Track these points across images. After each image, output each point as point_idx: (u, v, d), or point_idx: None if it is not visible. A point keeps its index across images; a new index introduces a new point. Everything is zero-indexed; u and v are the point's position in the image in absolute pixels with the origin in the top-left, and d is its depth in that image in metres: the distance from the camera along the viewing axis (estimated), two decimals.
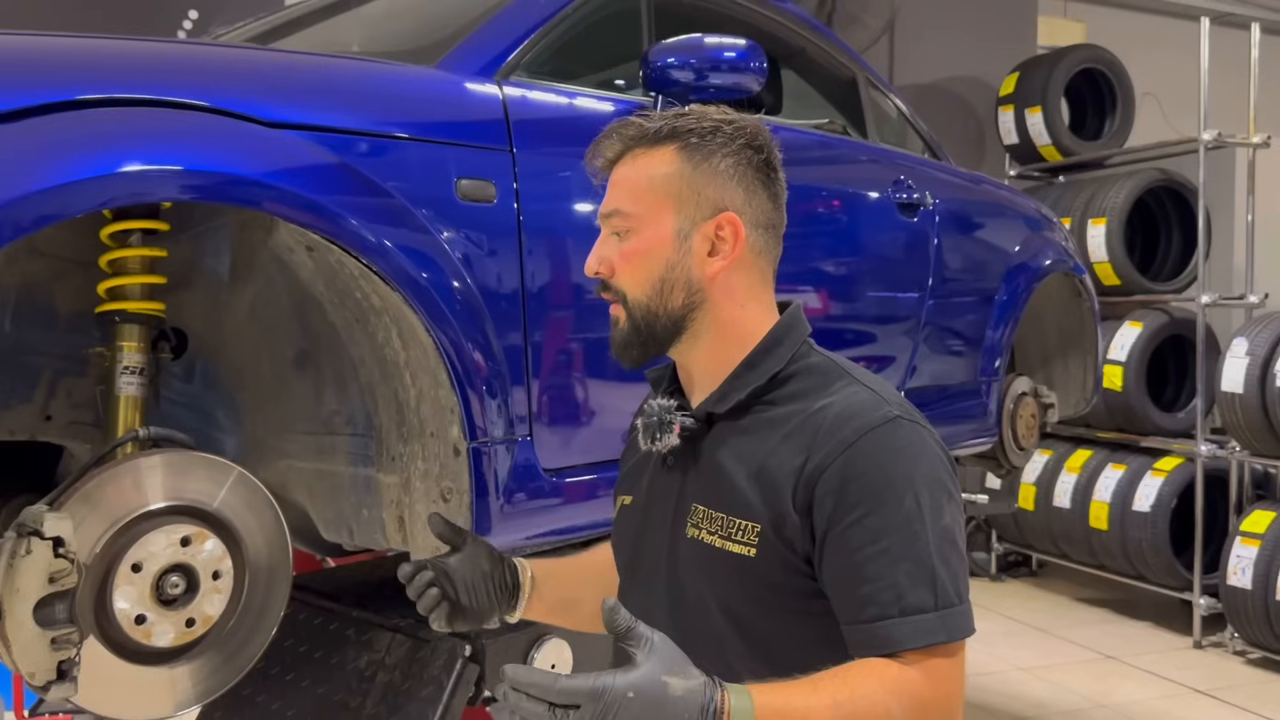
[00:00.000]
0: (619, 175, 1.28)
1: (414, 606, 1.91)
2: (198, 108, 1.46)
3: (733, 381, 1.26)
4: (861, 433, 1.15)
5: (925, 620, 1.09)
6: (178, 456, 1.50)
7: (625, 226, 1.26)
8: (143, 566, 1.43)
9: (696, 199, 1.25)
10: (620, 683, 0.96)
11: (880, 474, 1.13)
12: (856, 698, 1.04)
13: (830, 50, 2.90)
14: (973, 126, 6.16)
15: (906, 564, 1.10)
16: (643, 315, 1.25)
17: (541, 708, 0.95)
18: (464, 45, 1.88)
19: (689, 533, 1.25)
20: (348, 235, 1.55)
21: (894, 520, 1.11)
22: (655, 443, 1.27)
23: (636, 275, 1.25)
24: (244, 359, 1.87)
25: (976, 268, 3.06)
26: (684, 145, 1.25)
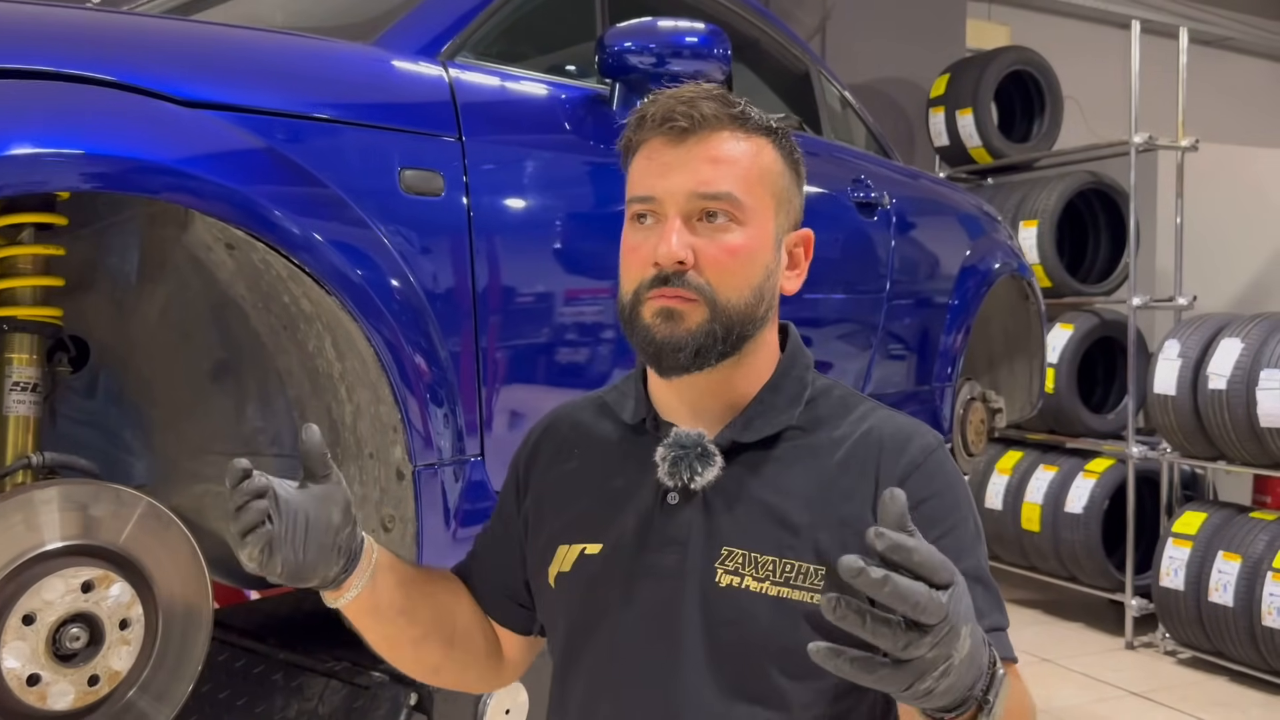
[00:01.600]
0: (724, 150, 1.07)
1: (349, 647, 1.73)
2: (102, 83, 1.26)
3: (758, 407, 1.13)
4: (926, 454, 1.09)
5: (1003, 637, 1.06)
6: (77, 487, 1.33)
7: (734, 214, 1.07)
8: (36, 618, 1.25)
9: (789, 206, 1.13)
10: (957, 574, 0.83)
11: (951, 495, 1.09)
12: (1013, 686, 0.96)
13: (784, 42, 2.79)
14: (903, 128, 6.15)
15: (979, 586, 1.04)
16: (732, 321, 1.08)
17: (921, 590, 0.78)
18: (404, 21, 1.71)
19: (723, 581, 1.07)
20: (275, 230, 1.38)
21: (965, 543, 1.06)
22: (695, 476, 1.08)
23: (738, 275, 1.07)
24: (154, 371, 1.69)
25: (932, 270, 2.98)
26: (777, 143, 1.11)
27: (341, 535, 1.08)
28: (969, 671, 0.84)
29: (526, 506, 1.23)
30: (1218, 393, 4.26)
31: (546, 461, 1.24)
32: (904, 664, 0.79)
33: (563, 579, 1.16)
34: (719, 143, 1.07)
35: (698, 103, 1.06)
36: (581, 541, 1.16)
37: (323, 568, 1.08)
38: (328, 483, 1.09)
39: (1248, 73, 8.47)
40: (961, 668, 0.82)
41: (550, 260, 1.73)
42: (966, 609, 0.83)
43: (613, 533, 1.14)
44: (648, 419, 1.16)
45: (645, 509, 1.12)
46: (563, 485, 1.21)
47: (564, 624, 1.18)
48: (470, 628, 1.24)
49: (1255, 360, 4.17)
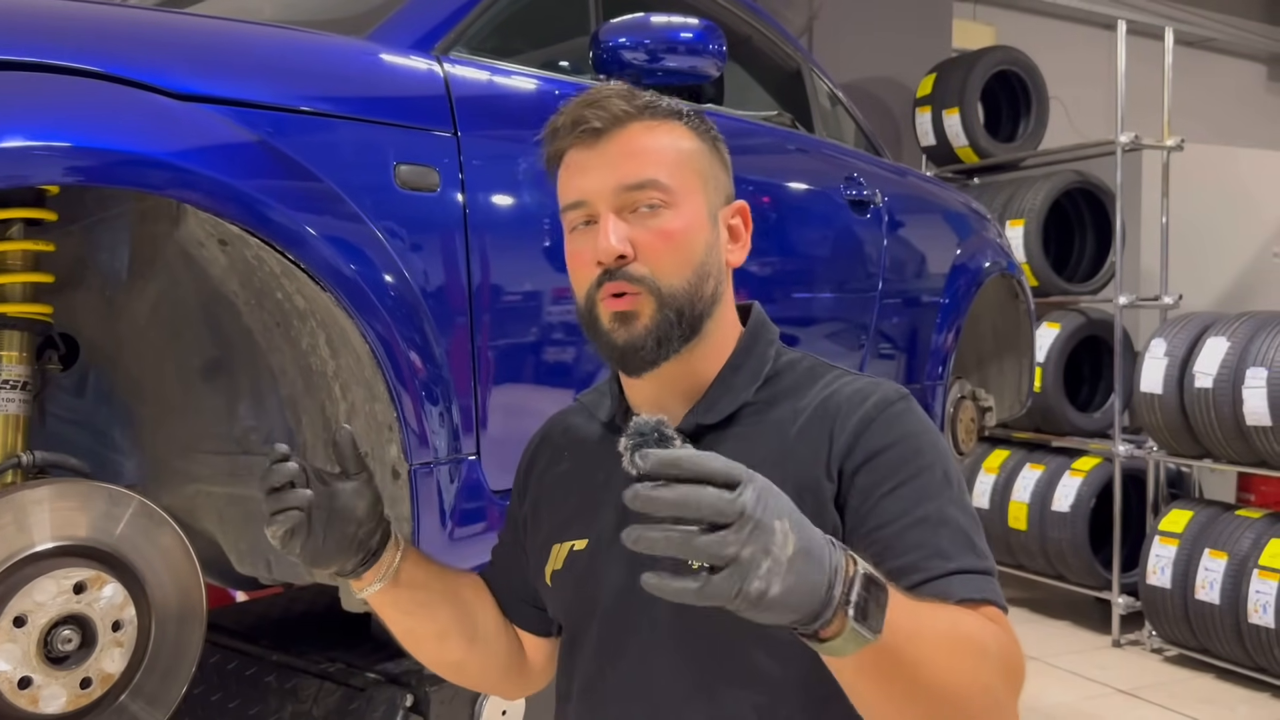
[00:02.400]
0: (639, 143, 1.09)
1: (343, 648, 1.72)
2: (91, 74, 1.24)
3: (719, 388, 1.13)
4: (883, 407, 1.08)
5: (974, 577, 1.01)
6: (68, 486, 1.30)
7: (662, 200, 1.08)
8: (27, 620, 1.22)
9: (716, 181, 1.14)
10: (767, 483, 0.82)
11: (911, 443, 1.06)
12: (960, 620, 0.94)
13: (776, 40, 2.78)
14: (890, 127, 6.15)
15: (946, 530, 1.02)
16: (683, 303, 1.09)
17: (711, 494, 0.78)
18: (398, 15, 1.69)
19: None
20: (269, 225, 1.36)
21: (931, 489, 1.03)
22: None
23: (675, 258, 1.08)
24: (145, 369, 1.66)
25: (923, 268, 2.97)
26: (690, 124, 1.13)
27: (363, 530, 1.12)
28: (808, 570, 0.80)
29: (525, 511, 1.26)
30: (1204, 391, 4.28)
31: (542, 467, 1.27)
32: (721, 569, 0.78)
33: (557, 576, 1.19)
34: (633, 135, 1.09)
35: (604, 102, 1.09)
36: (571, 539, 1.19)
37: (339, 558, 1.11)
38: (359, 480, 1.12)
39: (1232, 73, 8.53)
40: (795, 565, 0.79)
41: (546, 256, 1.71)
42: (779, 507, 0.80)
43: (596, 527, 1.16)
44: (617, 415, 1.18)
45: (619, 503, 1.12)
46: (555, 488, 1.24)
47: (563, 620, 1.22)
48: (493, 630, 1.27)
49: (1241, 359, 4.19)
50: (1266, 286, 5.88)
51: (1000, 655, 0.95)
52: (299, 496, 1.06)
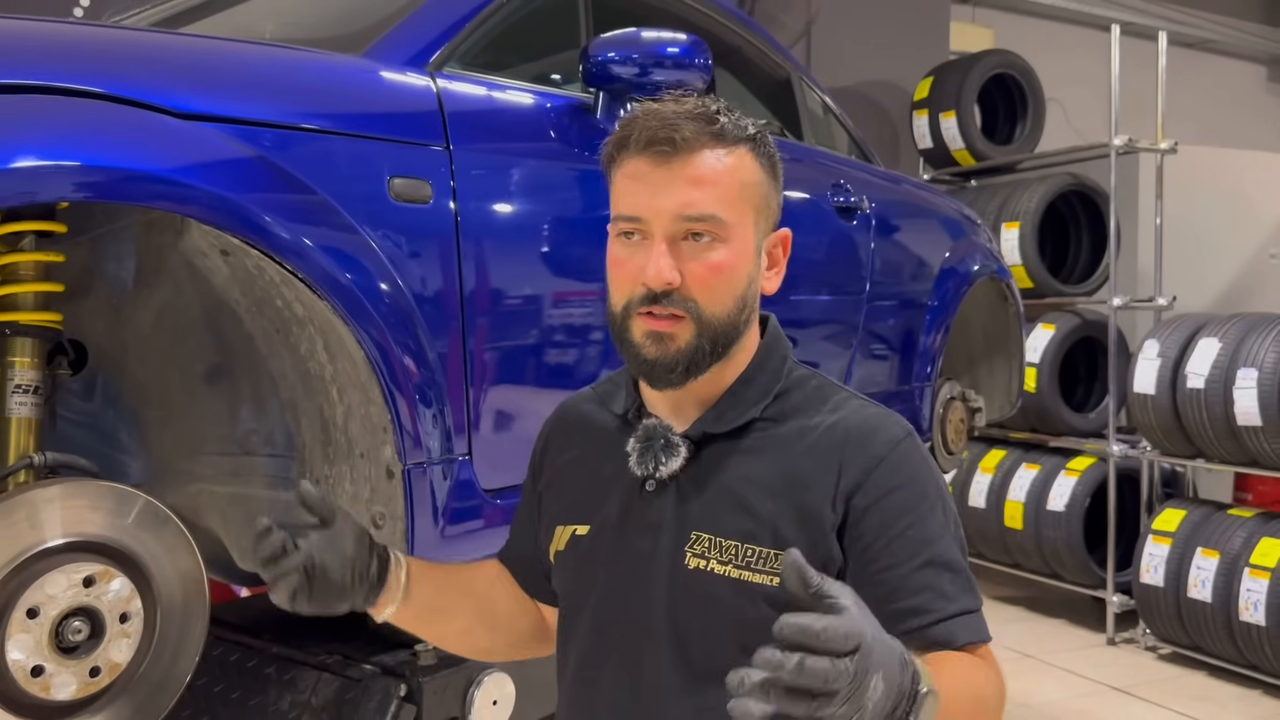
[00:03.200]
0: (705, 170, 1.11)
1: (341, 641, 1.78)
2: (98, 96, 1.30)
3: (730, 399, 1.18)
4: (891, 446, 1.13)
5: (972, 620, 1.11)
6: (78, 485, 1.36)
7: (717, 233, 1.12)
8: (40, 611, 1.28)
9: (768, 211, 1.17)
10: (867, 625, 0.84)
11: (918, 486, 1.13)
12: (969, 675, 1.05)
13: (765, 49, 2.84)
14: (888, 130, 6.20)
15: (948, 573, 1.11)
16: (719, 333, 1.13)
17: (826, 665, 0.79)
18: (393, 33, 1.75)
19: (690, 564, 1.14)
20: (268, 237, 1.42)
21: (933, 530, 1.11)
22: (659, 467, 1.16)
23: (723, 290, 1.12)
24: (150, 374, 1.72)
25: (911, 272, 3.03)
26: (756, 151, 1.15)
27: (358, 566, 1.17)
28: (885, 703, 0.84)
29: (539, 490, 1.33)
30: (1196, 392, 4.33)
31: (555, 449, 1.33)
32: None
33: (559, 557, 1.26)
34: (701, 162, 1.10)
35: (679, 124, 1.10)
36: (574, 523, 1.25)
37: (346, 598, 1.17)
38: (334, 524, 1.16)
39: (1231, 75, 8.56)
40: (876, 708, 0.83)
41: (536, 264, 1.77)
42: (880, 657, 0.83)
43: (599, 516, 1.22)
44: (631, 411, 1.23)
45: (627, 495, 1.20)
46: (564, 471, 1.30)
47: (562, 598, 1.28)
48: (512, 610, 1.34)
49: (1233, 360, 4.24)
50: (1263, 288, 5.92)
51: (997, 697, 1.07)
52: (292, 561, 1.12)
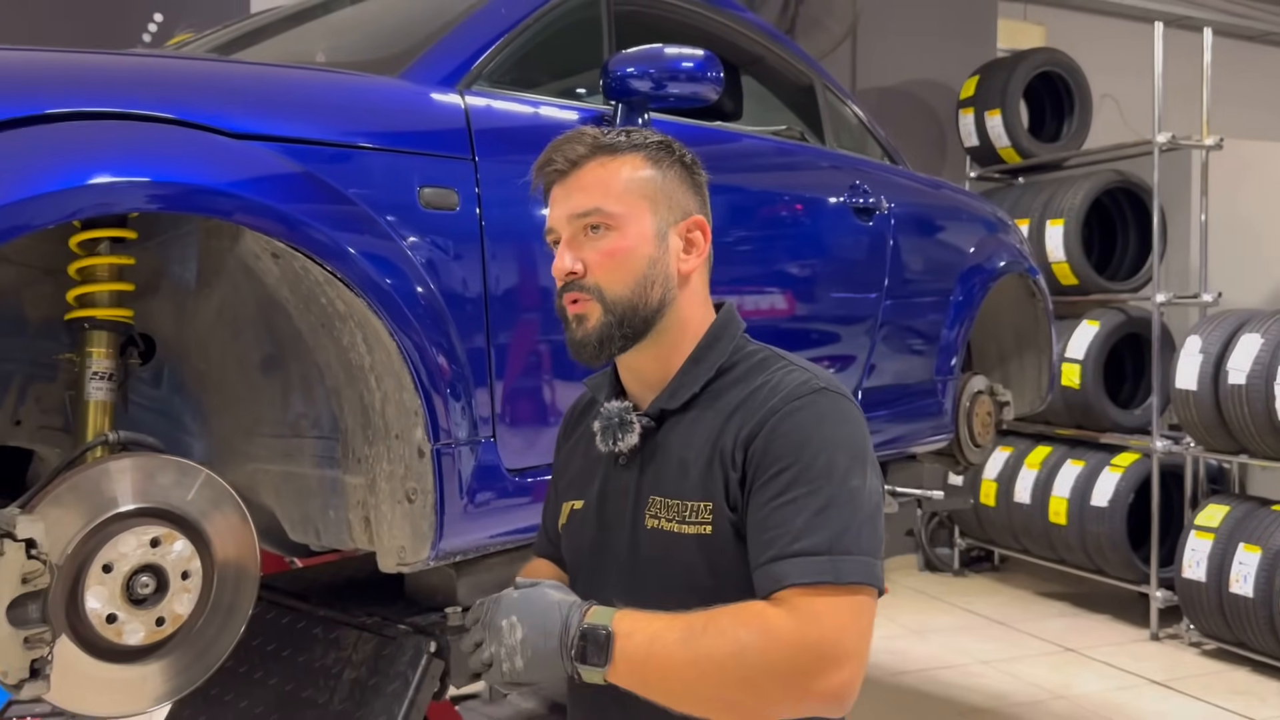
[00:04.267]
0: (590, 178, 1.32)
1: (379, 604, 1.96)
2: (164, 120, 1.49)
3: (681, 378, 1.34)
4: (789, 400, 1.26)
5: (814, 561, 1.16)
6: (147, 459, 1.53)
7: (606, 224, 1.31)
8: (113, 567, 1.46)
9: (669, 202, 1.34)
10: (511, 592, 1.23)
11: (799, 434, 1.23)
12: (709, 628, 1.15)
13: (788, 58, 2.97)
14: (934, 129, 6.26)
15: (808, 513, 1.18)
16: (625, 310, 1.30)
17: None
18: (427, 56, 1.92)
19: (648, 524, 1.31)
20: (312, 243, 1.59)
21: (805, 475, 1.20)
22: (617, 443, 1.33)
23: (619, 271, 1.30)
24: (211, 364, 1.90)
25: (932, 269, 3.13)
26: (650, 155, 1.34)
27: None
28: (541, 642, 1.17)
29: (556, 475, 1.53)
30: (1237, 388, 4.34)
31: (564, 437, 1.53)
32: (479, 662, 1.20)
33: (564, 529, 1.46)
34: (588, 173, 1.32)
35: (565, 147, 1.33)
36: (573, 499, 1.45)
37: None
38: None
39: None
40: (529, 644, 1.17)
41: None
42: (506, 608, 1.20)
43: (589, 490, 1.41)
44: (608, 397, 1.40)
45: (605, 469, 1.39)
46: (569, 455, 1.50)
47: (567, 565, 1.47)
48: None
49: (1274, 355, 4.24)
50: None
51: (769, 645, 1.13)
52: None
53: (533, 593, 1.20)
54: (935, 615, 5.35)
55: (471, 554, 1.84)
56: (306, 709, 1.81)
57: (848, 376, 2.80)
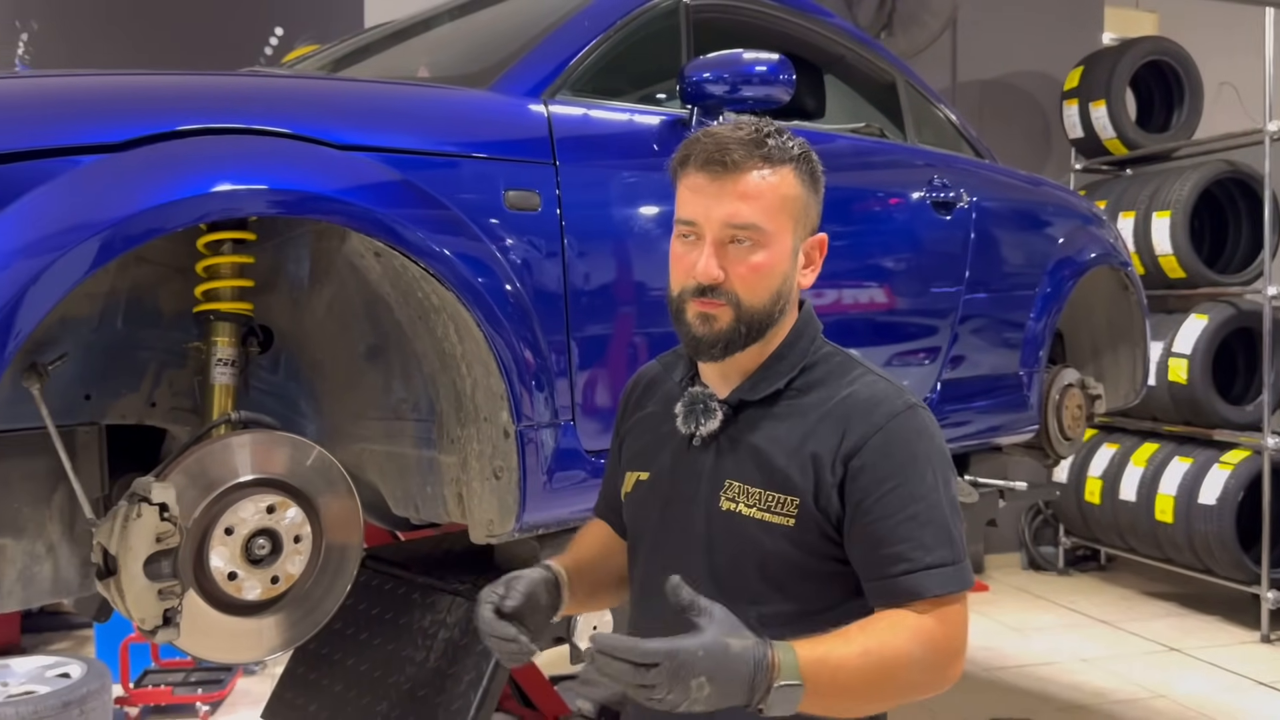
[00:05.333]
0: (750, 187, 1.34)
1: (472, 573, 2.13)
2: (280, 134, 1.67)
3: (764, 372, 1.42)
4: (890, 418, 1.35)
5: (945, 572, 1.30)
6: (264, 436, 1.72)
7: (756, 240, 1.35)
8: (234, 530, 1.64)
9: (806, 221, 1.41)
10: (691, 644, 1.15)
11: (905, 451, 1.33)
12: (883, 645, 1.25)
13: (870, 56, 3.03)
14: (1038, 121, 6.18)
15: (931, 527, 1.31)
16: (755, 320, 1.38)
17: (626, 668, 1.13)
18: (515, 68, 2.07)
19: (724, 506, 1.40)
20: (407, 243, 1.74)
21: (919, 491, 1.32)
22: (699, 426, 1.42)
23: (759, 286, 1.37)
24: (323, 353, 2.08)
25: (1017, 261, 3.15)
26: (798, 169, 1.39)
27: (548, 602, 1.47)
28: (727, 695, 1.15)
29: (619, 443, 1.61)
30: None
31: (631, 408, 1.61)
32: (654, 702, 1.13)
33: (627, 498, 1.55)
34: (748, 180, 1.35)
35: (731, 148, 1.35)
36: (639, 470, 1.54)
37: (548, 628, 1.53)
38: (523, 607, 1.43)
39: None
40: (714, 696, 1.14)
41: (630, 259, 2.06)
42: (694, 669, 1.13)
43: (657, 464, 1.50)
44: (685, 379, 1.49)
45: (678, 448, 1.48)
46: (637, 426, 1.58)
47: (629, 533, 1.56)
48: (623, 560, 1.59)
49: None
50: None
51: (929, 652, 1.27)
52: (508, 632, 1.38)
53: (715, 648, 1.15)
54: (1037, 613, 5.30)
55: (553, 527, 1.98)
56: (406, 666, 1.98)
57: (927, 369, 2.86)
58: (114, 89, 1.66)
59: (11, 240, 1.42)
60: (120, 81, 1.68)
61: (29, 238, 1.42)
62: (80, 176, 1.45)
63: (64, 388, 1.78)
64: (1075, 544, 5.96)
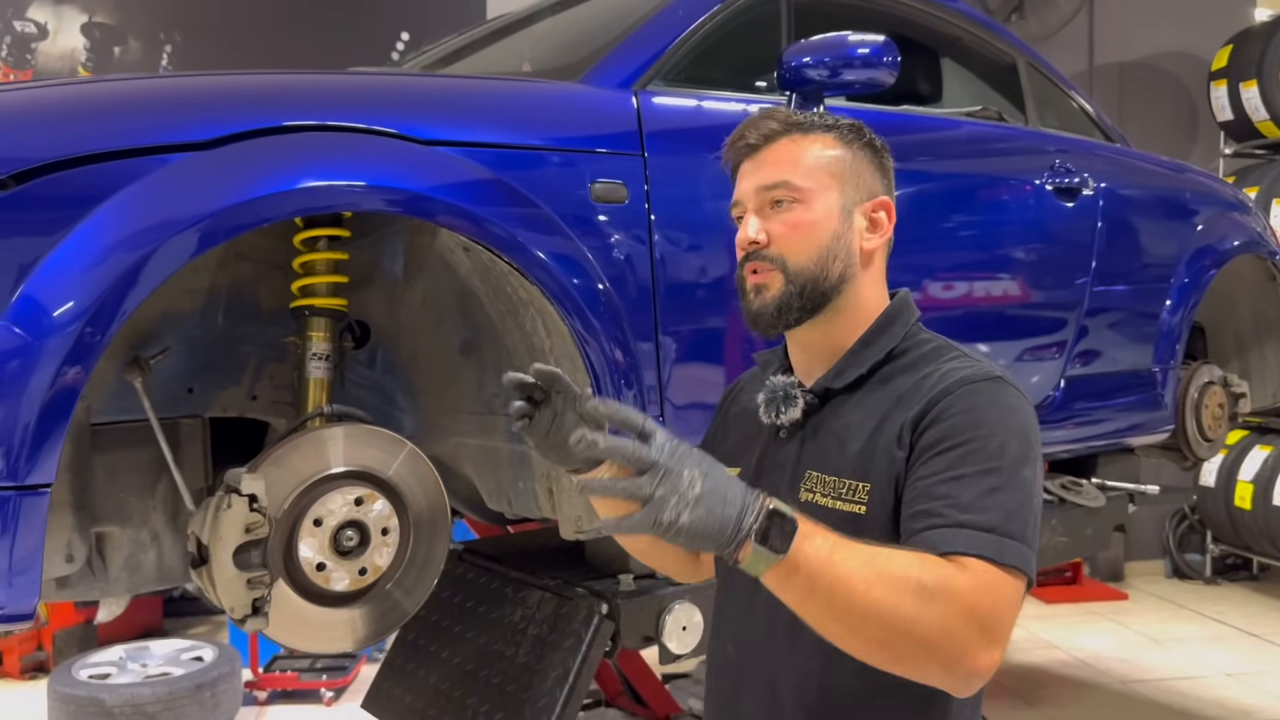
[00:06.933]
0: (781, 153, 1.34)
1: (563, 569, 2.11)
2: (364, 130, 1.68)
3: (849, 359, 1.35)
4: (963, 384, 1.24)
5: (980, 535, 1.12)
6: (355, 430, 1.74)
7: (793, 197, 1.32)
8: (323, 521, 1.67)
9: (856, 182, 1.35)
10: (691, 446, 1.06)
11: (972, 416, 1.20)
12: (895, 559, 1.09)
13: (988, 37, 2.90)
14: (1184, 104, 5.84)
15: (977, 490, 1.15)
16: (806, 281, 1.32)
17: (627, 445, 1.02)
18: (605, 60, 2.05)
19: (803, 497, 1.33)
20: (492, 238, 1.73)
21: (978, 455, 1.17)
22: (779, 416, 1.36)
23: (803, 243, 1.32)
24: (418, 347, 2.10)
25: (1150, 250, 2.96)
26: (841, 135, 1.35)
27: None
28: (716, 505, 1.02)
29: (717, 436, 1.55)
30: None
31: (730, 403, 1.57)
32: (641, 503, 1.01)
33: None
34: (779, 149, 1.34)
35: (758, 123, 1.35)
36: (731, 465, 1.45)
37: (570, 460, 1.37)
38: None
39: None
40: (704, 502, 1.01)
41: (717, 252, 2.01)
42: (687, 457, 1.02)
43: (746, 459, 1.44)
44: (775, 371, 1.44)
45: (765, 441, 1.42)
46: (733, 422, 1.53)
47: None
48: None
49: None
50: None
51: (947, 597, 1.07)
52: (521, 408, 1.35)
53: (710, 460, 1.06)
54: (1179, 624, 5.01)
55: None
56: (496, 660, 1.98)
57: (1049, 365, 2.72)
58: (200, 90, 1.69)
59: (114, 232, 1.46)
60: (226, 81, 1.72)
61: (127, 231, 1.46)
62: (167, 175, 1.49)
63: (167, 381, 1.84)
64: (1224, 551, 5.60)
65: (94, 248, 1.44)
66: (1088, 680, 4.33)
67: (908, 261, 2.29)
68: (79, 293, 1.42)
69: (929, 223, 2.40)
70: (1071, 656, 4.59)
